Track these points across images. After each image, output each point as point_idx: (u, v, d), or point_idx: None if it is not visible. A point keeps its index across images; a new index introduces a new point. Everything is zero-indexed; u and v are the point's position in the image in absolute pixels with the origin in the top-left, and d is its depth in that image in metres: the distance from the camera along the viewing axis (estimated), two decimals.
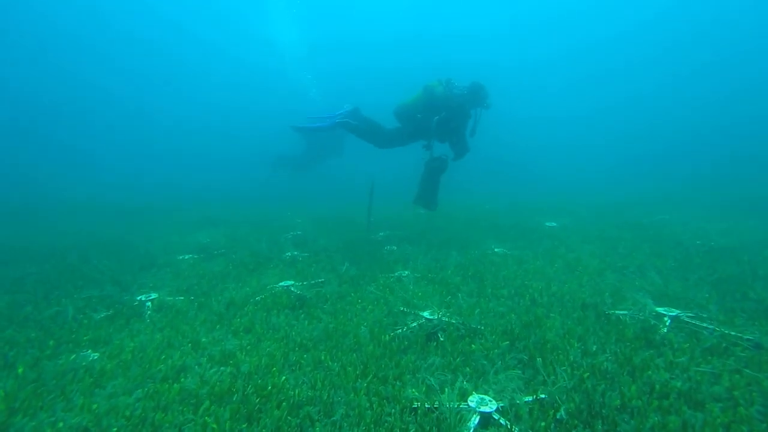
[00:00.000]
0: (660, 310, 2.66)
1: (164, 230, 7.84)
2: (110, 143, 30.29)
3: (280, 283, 4.17)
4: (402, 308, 3.46)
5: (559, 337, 2.66)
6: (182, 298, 3.70)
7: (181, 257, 5.10)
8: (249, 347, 2.75)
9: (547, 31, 35.04)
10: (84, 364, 2.17)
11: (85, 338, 2.60)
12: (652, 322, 2.56)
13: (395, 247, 5.86)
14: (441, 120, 5.41)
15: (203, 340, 2.78)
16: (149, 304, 3.48)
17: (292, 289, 4.06)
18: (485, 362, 2.38)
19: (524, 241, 6.10)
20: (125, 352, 2.42)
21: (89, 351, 2.36)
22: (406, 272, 4.53)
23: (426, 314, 3.23)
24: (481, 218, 8.95)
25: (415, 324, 3.13)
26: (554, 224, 7.27)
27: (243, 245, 5.88)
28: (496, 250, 5.45)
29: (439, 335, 2.91)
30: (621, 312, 2.87)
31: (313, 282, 4.28)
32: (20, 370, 2.16)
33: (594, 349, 2.43)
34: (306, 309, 3.55)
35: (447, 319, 3.12)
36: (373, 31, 36.25)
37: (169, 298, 3.66)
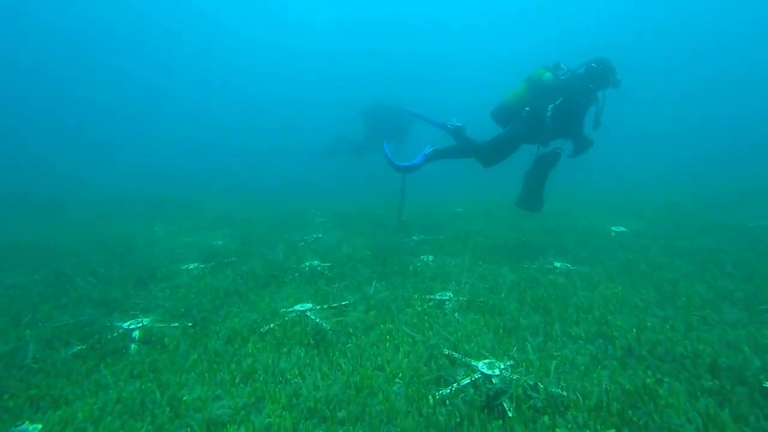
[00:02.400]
0: None
1: (178, 227, 7.48)
2: (140, 134, 31.17)
3: (296, 307, 3.53)
4: (447, 352, 2.71)
5: (695, 430, 1.81)
6: (176, 324, 3.14)
7: (185, 266, 4.58)
8: (244, 412, 2.10)
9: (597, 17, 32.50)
10: None
11: (32, 392, 2.05)
12: None
13: (431, 258, 5.09)
14: (558, 109, 4.41)
15: (186, 398, 2.16)
16: (136, 334, 2.92)
17: (309, 314, 3.41)
18: None
19: (588, 251, 5.15)
20: (75, 422, 1.83)
21: (26, 423, 1.80)
22: (448, 294, 3.76)
23: (482, 366, 2.46)
24: (528, 218, 7.96)
25: (467, 381, 2.37)
26: (623, 229, 6.21)
27: (257, 251, 5.31)
28: (556, 264, 4.56)
29: (505, 404, 2.14)
30: None
31: (334, 305, 3.61)
32: None
33: None
34: (324, 346, 2.88)
35: (513, 377, 2.34)
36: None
37: (160, 325, 3.10)
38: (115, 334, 2.87)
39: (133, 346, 2.78)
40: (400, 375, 2.49)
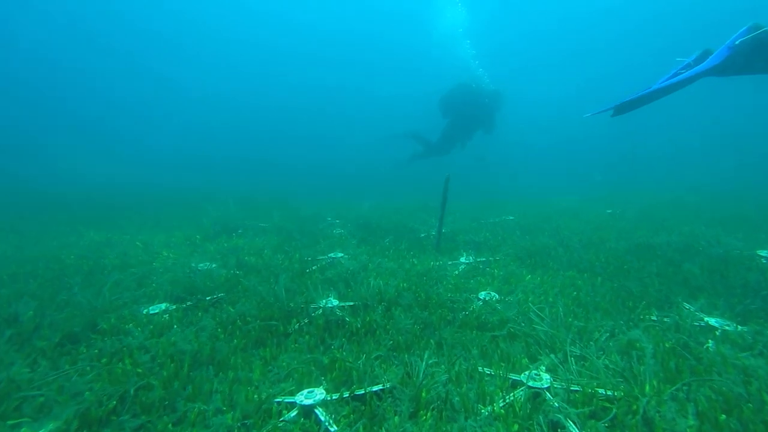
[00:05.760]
0: None
1: (166, 238, 6.36)
2: (165, 132, 31.01)
3: (298, 397, 2.22)
4: None
5: None
6: None
7: (146, 311, 3.35)
8: None
9: None
10: None
11: None
12: None
13: (496, 296, 3.68)
14: None
15: None
16: None
17: (319, 413, 2.10)
18: None
19: (746, 295, 3.58)
20: None
21: None
22: (544, 374, 2.35)
23: None
24: (612, 232, 6.37)
25: None
26: None
27: (252, 281, 4.04)
28: (711, 322, 3.04)
29: None
30: None
31: (360, 393, 2.27)
32: None
33: None
34: None
35: None
36: None
37: None
38: None
39: None
40: None
